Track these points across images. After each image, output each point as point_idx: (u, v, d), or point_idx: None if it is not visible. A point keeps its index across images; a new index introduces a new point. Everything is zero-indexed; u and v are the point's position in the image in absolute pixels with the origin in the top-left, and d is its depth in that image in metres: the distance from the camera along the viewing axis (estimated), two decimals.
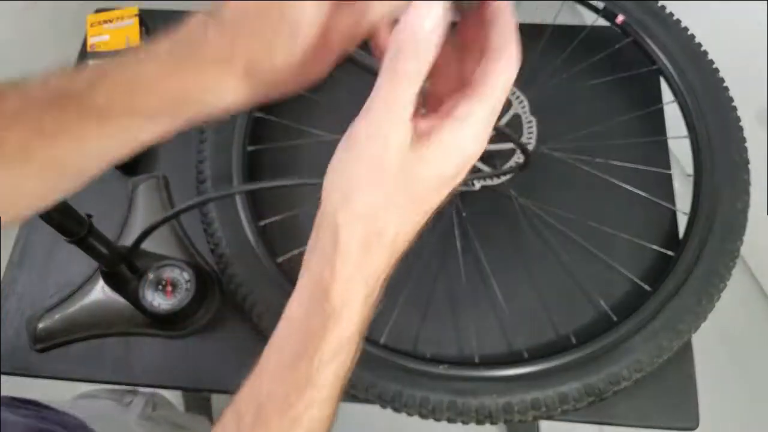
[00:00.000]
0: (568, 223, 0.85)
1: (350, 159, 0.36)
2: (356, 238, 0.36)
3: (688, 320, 0.75)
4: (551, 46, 0.96)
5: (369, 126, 0.36)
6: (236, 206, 0.82)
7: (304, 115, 0.95)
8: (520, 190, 0.86)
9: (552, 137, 0.89)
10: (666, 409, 0.77)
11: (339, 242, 0.36)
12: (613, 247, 0.84)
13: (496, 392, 0.72)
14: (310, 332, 0.38)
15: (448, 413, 0.72)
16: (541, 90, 0.92)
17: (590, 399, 0.72)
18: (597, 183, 0.88)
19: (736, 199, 0.81)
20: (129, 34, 1.00)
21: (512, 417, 0.71)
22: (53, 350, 0.83)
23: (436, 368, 0.73)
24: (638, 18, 0.91)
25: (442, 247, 0.86)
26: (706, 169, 0.83)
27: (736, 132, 0.85)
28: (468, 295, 0.82)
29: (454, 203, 0.86)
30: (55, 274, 0.88)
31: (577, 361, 0.74)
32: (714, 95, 0.87)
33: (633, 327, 0.75)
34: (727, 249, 0.79)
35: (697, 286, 0.77)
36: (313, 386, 0.38)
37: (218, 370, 0.81)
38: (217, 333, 0.83)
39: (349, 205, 0.36)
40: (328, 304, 0.37)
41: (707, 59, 0.90)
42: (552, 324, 0.81)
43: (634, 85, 0.96)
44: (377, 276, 0.37)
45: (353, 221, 0.36)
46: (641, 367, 0.73)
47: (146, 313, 0.80)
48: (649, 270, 0.84)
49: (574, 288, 0.83)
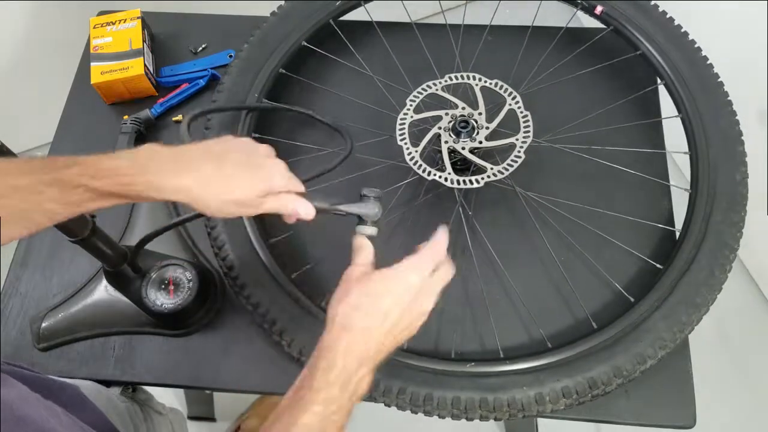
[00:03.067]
0: (572, 210, 0.86)
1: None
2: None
3: (704, 293, 0.76)
4: (536, 43, 0.98)
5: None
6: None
7: (299, 133, 0.97)
8: (523, 183, 0.87)
9: (549, 129, 0.90)
10: (663, 407, 0.78)
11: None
12: (621, 229, 0.86)
13: (526, 384, 0.72)
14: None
15: (480, 411, 0.71)
16: (533, 85, 0.94)
17: (618, 381, 0.73)
18: (597, 169, 0.89)
19: (734, 170, 0.83)
20: (131, 37, 1.01)
21: (545, 408, 0.71)
22: (56, 349, 0.83)
23: (463, 367, 0.73)
24: (619, 8, 0.94)
25: (451, 246, 0.86)
26: (701, 145, 0.85)
27: (725, 107, 0.87)
28: (484, 290, 0.83)
29: (459, 202, 0.86)
30: (58, 273, 0.88)
31: (602, 344, 0.74)
32: (699, 74, 0.89)
33: (651, 305, 0.76)
34: (731, 220, 0.80)
35: (707, 259, 0.78)
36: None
37: (220, 368, 0.82)
38: (219, 332, 0.84)
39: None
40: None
41: (688, 39, 0.92)
42: (570, 311, 0.82)
43: (623, 71, 0.98)
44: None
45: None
46: (665, 344, 0.74)
47: (149, 312, 0.80)
48: (657, 249, 0.86)
49: (588, 273, 0.84)
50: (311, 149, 0.94)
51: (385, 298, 0.54)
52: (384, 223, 0.77)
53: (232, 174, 0.52)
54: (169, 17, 1.10)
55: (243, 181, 0.53)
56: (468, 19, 1.00)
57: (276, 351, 0.80)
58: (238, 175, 0.53)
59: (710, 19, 1.11)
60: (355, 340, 0.53)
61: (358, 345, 0.53)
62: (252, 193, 0.53)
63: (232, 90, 0.92)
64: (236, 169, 0.53)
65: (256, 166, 0.54)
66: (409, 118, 0.86)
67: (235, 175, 0.53)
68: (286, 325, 0.77)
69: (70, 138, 1.00)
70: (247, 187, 0.53)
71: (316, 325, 0.77)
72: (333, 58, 1.00)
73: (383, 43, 0.99)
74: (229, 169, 0.52)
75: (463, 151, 0.83)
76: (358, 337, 0.53)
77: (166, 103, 1.00)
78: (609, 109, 0.93)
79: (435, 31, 1.02)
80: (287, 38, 0.96)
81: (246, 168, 0.53)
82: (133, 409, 0.81)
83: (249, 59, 0.95)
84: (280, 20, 0.98)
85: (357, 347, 0.53)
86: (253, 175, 0.53)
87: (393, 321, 0.54)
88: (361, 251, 0.59)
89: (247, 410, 1.45)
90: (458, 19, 1.01)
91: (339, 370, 0.52)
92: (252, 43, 0.96)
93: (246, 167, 0.53)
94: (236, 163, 0.53)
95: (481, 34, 1.00)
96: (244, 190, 0.53)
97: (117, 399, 0.79)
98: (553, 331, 0.81)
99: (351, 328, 0.53)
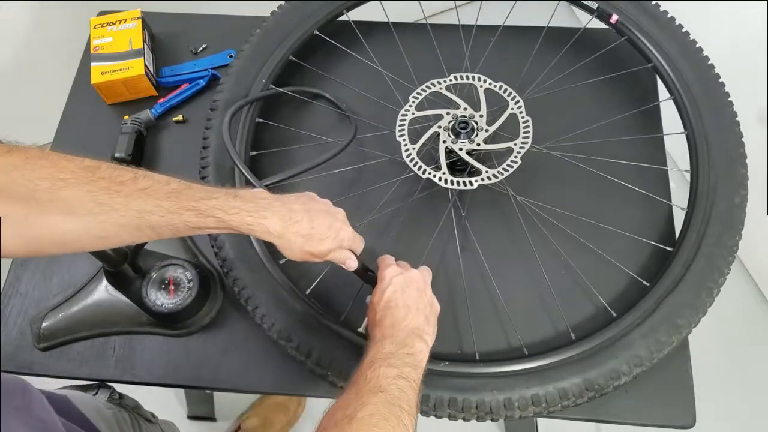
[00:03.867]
0: (565, 219, 0.86)
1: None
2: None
3: (687, 315, 0.75)
4: (546, 48, 0.97)
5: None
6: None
7: (301, 121, 0.98)
8: (519, 188, 0.87)
9: (549, 136, 0.90)
10: (663, 407, 0.77)
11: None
12: (612, 243, 0.85)
13: (496, 388, 0.73)
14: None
15: (449, 410, 0.72)
16: (537, 91, 0.93)
17: (590, 394, 0.73)
18: (594, 180, 0.88)
19: (733, 193, 0.82)
20: (132, 37, 1.01)
21: (513, 413, 0.72)
22: (57, 349, 0.84)
23: (437, 366, 0.74)
24: (633, 17, 0.92)
25: (441, 245, 0.87)
26: (703, 165, 0.83)
27: (733, 127, 0.86)
28: (467, 292, 0.83)
29: (452, 202, 0.87)
30: (58, 273, 0.89)
31: (577, 357, 0.74)
32: (710, 91, 0.87)
33: (631, 322, 0.76)
34: (725, 243, 0.79)
35: (695, 281, 0.77)
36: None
37: (220, 368, 0.83)
38: (220, 332, 0.85)
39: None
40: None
41: (702, 55, 0.90)
42: (551, 320, 0.82)
43: (629, 83, 0.97)
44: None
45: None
46: (641, 362, 0.73)
47: (149, 312, 0.81)
48: (647, 266, 0.85)
49: (573, 284, 0.84)
50: (312, 137, 0.95)
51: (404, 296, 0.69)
52: (378, 216, 0.82)
53: (319, 233, 0.65)
54: (169, 17, 1.10)
55: (325, 241, 0.65)
56: (482, 19, 1.00)
57: (276, 351, 0.80)
58: (322, 235, 0.65)
59: (710, 17, 1.11)
60: (396, 315, 0.66)
61: (399, 319, 0.66)
62: (326, 250, 0.66)
63: (240, 74, 0.94)
64: (322, 229, 0.65)
65: (336, 230, 0.67)
66: (410, 115, 0.86)
67: (320, 235, 0.65)
68: (286, 325, 0.77)
69: (71, 138, 1.00)
70: (326, 246, 0.66)
71: (316, 325, 0.77)
72: (343, 49, 1.00)
73: (395, 38, 0.99)
74: (318, 228, 0.64)
75: (460, 152, 0.83)
76: (397, 312, 0.67)
77: (166, 103, 1.00)
78: (612, 120, 0.92)
79: (447, 31, 1.02)
80: (300, 26, 0.97)
81: (329, 229, 0.66)
82: (121, 416, 0.81)
83: (260, 45, 0.96)
84: (294, 8, 0.98)
85: (399, 320, 0.66)
86: (333, 238, 0.66)
87: (408, 305, 0.68)
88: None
89: (247, 410, 1.45)
90: (472, 17, 1.01)
91: (391, 338, 0.64)
92: (264, 29, 0.97)
93: (329, 229, 0.66)
94: (323, 225, 0.65)
95: (493, 34, 1.00)
96: (323, 247, 0.65)
97: (104, 406, 0.79)
98: (531, 339, 0.81)
99: (392, 306, 0.67)
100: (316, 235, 0.64)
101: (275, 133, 0.96)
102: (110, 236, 0.53)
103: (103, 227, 0.51)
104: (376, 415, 0.54)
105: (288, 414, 1.44)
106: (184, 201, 0.56)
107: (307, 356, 0.76)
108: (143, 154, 0.97)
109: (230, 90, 0.93)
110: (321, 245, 0.65)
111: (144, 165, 0.96)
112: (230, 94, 0.93)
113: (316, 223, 0.64)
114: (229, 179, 0.86)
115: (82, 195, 0.50)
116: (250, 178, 0.75)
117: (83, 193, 0.50)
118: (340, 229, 0.67)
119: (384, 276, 0.71)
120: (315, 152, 0.94)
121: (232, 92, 0.93)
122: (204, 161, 0.88)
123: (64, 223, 0.50)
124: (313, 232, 0.64)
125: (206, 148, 0.89)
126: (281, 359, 0.80)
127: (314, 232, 0.64)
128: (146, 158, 0.97)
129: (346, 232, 0.68)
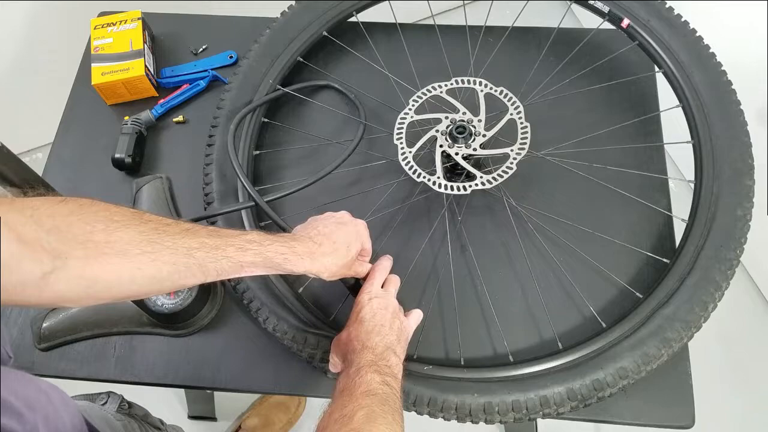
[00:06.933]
0: (561, 227, 0.85)
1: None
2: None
3: (678, 329, 0.74)
4: (552, 52, 0.97)
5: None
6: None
7: (304, 121, 0.99)
8: (516, 194, 0.87)
9: (548, 142, 0.89)
10: (662, 407, 0.77)
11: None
12: (607, 252, 0.84)
13: (477, 392, 0.73)
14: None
15: (428, 408, 0.73)
16: (538, 97, 0.92)
17: (572, 404, 0.72)
18: (592, 188, 0.87)
19: (736, 205, 0.79)
20: (132, 37, 1.01)
21: (492, 417, 0.72)
22: (57, 349, 0.85)
23: (421, 368, 0.75)
24: (644, 21, 0.89)
25: (435, 250, 0.87)
26: (708, 175, 0.81)
27: (742, 137, 0.83)
28: (457, 298, 0.83)
29: (447, 207, 0.87)
30: None
31: (562, 366, 0.74)
32: (720, 99, 0.84)
33: (620, 334, 0.74)
34: (723, 257, 0.77)
35: (689, 295, 0.75)
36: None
37: (220, 368, 0.83)
38: (220, 332, 0.85)
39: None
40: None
41: (715, 62, 0.87)
42: (539, 328, 0.82)
43: (630, 90, 0.96)
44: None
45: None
46: (626, 375, 0.72)
47: (150, 312, 0.81)
48: (642, 277, 0.84)
49: (565, 293, 0.83)
50: (317, 138, 0.96)
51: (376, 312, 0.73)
52: (376, 217, 0.83)
53: (346, 249, 0.70)
54: (169, 18, 1.10)
55: (352, 246, 0.71)
56: (490, 20, 0.99)
57: (276, 351, 0.80)
58: (350, 248, 0.71)
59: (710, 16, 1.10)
60: (367, 329, 0.70)
61: (375, 334, 0.69)
62: (355, 252, 0.72)
63: (248, 74, 0.95)
64: (342, 239, 0.71)
65: (354, 233, 0.73)
66: (409, 118, 0.86)
67: (345, 249, 0.70)
68: (286, 324, 0.78)
69: (71, 139, 1.01)
70: (354, 250, 0.72)
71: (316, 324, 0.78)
72: (348, 50, 1.01)
73: (401, 40, 0.99)
74: (339, 242, 0.70)
75: (456, 157, 0.83)
76: (374, 328, 0.70)
77: (166, 104, 1.00)
78: (612, 128, 0.91)
79: (455, 34, 1.01)
80: (310, 26, 0.98)
81: (347, 236, 0.71)
82: (130, 426, 0.82)
83: (269, 45, 0.97)
84: (304, 8, 0.99)
85: (371, 334, 0.69)
86: (354, 240, 0.72)
87: (382, 324, 0.71)
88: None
89: (248, 410, 1.46)
90: (479, 16, 1.00)
91: (371, 350, 0.66)
92: (274, 29, 0.98)
93: (347, 235, 0.71)
94: (340, 237, 0.71)
95: (500, 36, 0.99)
96: (351, 254, 0.71)
97: (113, 416, 0.80)
98: (518, 346, 0.80)
99: (362, 322, 0.71)
100: (342, 252, 0.70)
101: (279, 132, 0.98)
102: (163, 277, 0.55)
103: (156, 265, 0.54)
104: (374, 413, 0.57)
105: (288, 413, 1.45)
106: (224, 237, 0.60)
107: (307, 355, 0.77)
108: (143, 154, 0.97)
109: (238, 89, 0.94)
110: (349, 253, 0.71)
111: (144, 165, 0.97)
112: (238, 92, 0.94)
113: (335, 237, 0.70)
114: (232, 180, 0.87)
115: (135, 235, 0.53)
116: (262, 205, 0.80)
117: (135, 234, 0.53)
118: (357, 230, 0.74)
119: (365, 290, 0.74)
120: (319, 152, 0.95)
121: (239, 91, 0.94)
122: (208, 158, 0.90)
123: (119, 264, 0.52)
124: (337, 245, 0.69)
125: (210, 146, 0.91)
126: (281, 359, 0.81)
127: (337, 246, 0.69)
128: (146, 159, 0.97)
129: (358, 226, 0.74)
